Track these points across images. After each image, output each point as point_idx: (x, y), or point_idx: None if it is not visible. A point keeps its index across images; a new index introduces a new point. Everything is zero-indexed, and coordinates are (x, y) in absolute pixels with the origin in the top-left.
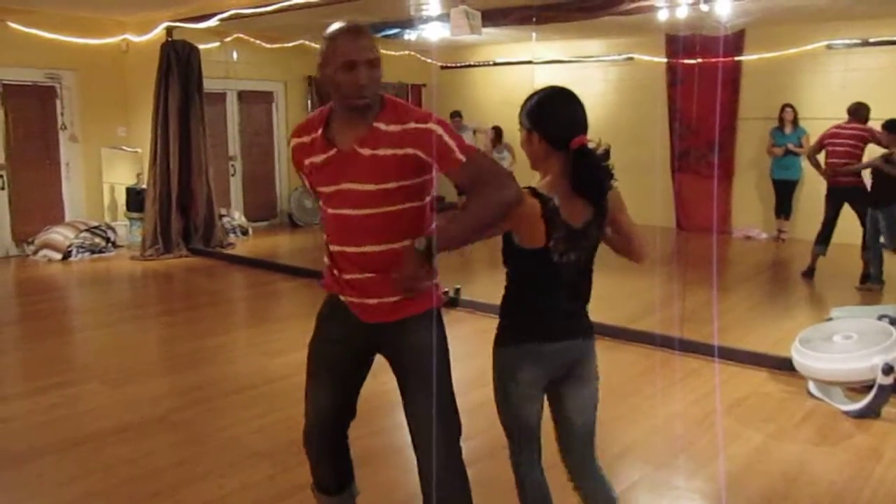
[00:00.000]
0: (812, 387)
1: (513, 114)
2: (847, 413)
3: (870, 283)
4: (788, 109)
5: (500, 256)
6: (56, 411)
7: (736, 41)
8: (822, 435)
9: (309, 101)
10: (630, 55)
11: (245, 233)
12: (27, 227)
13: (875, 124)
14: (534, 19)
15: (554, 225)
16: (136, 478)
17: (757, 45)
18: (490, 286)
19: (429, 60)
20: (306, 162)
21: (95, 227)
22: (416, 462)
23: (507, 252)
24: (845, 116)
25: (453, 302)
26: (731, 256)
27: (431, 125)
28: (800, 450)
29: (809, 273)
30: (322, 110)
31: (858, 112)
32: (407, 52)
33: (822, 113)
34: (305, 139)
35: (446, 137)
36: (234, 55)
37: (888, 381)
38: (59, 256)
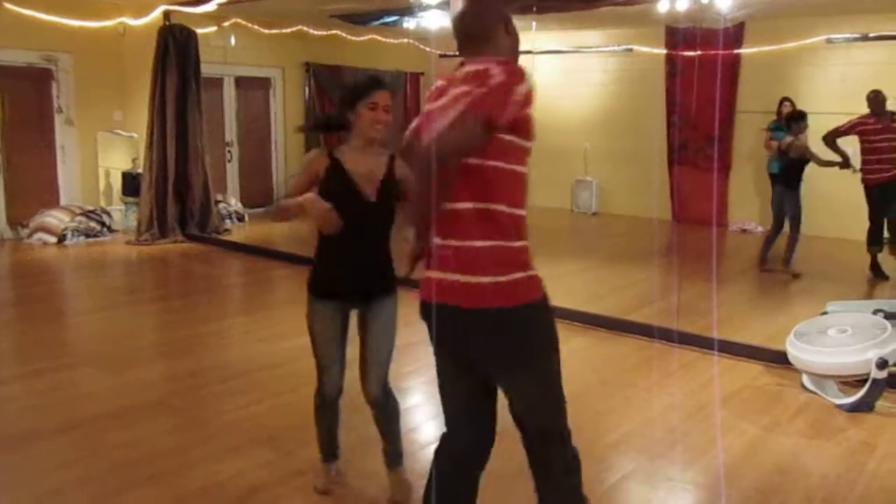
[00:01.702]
0: (806, 380)
1: None
2: (840, 407)
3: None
4: (787, 103)
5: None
6: (51, 395)
7: (736, 34)
8: (815, 428)
9: (307, 88)
10: (629, 46)
11: (241, 219)
12: (22, 210)
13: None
14: (534, 9)
15: None
16: (131, 462)
17: (757, 38)
18: None
19: (428, 49)
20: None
21: (91, 212)
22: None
23: None
24: (844, 111)
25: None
26: (727, 250)
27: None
28: (793, 443)
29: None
30: None
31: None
32: (406, 41)
33: (821, 107)
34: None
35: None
36: (232, 40)
37: (882, 375)
38: (54, 240)
